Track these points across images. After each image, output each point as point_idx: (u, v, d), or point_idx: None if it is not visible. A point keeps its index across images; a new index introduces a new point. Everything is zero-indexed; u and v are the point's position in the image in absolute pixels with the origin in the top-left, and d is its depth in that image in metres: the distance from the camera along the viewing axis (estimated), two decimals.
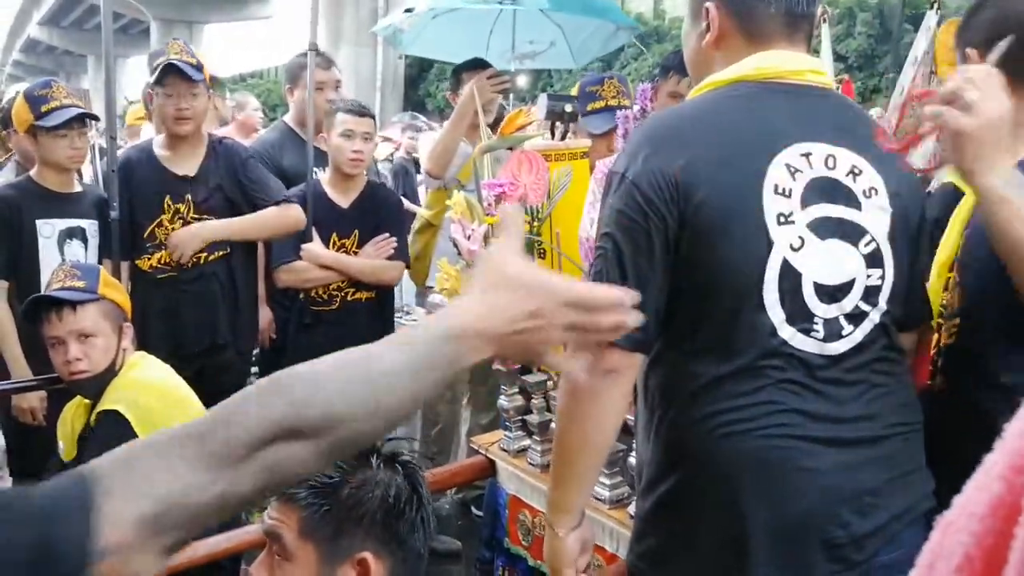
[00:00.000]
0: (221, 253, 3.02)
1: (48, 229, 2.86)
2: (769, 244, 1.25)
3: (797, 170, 1.27)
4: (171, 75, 2.91)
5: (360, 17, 16.74)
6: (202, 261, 2.99)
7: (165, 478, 0.70)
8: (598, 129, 2.67)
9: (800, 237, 1.26)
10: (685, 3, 1.48)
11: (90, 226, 2.94)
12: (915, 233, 1.37)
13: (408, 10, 4.84)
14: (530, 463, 2.17)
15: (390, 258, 3.17)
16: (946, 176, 1.73)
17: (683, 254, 1.27)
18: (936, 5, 3.27)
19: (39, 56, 48.54)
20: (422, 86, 19.26)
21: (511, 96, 4.27)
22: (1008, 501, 0.41)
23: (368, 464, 1.24)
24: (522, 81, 3.45)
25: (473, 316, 0.83)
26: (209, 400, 2.26)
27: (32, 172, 2.97)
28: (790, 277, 1.25)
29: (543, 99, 2.47)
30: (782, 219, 1.25)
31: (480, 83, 3.01)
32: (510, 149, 2.21)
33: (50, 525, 0.65)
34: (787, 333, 1.27)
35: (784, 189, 1.26)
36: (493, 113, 3.31)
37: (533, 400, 2.17)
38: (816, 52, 1.44)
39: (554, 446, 1.45)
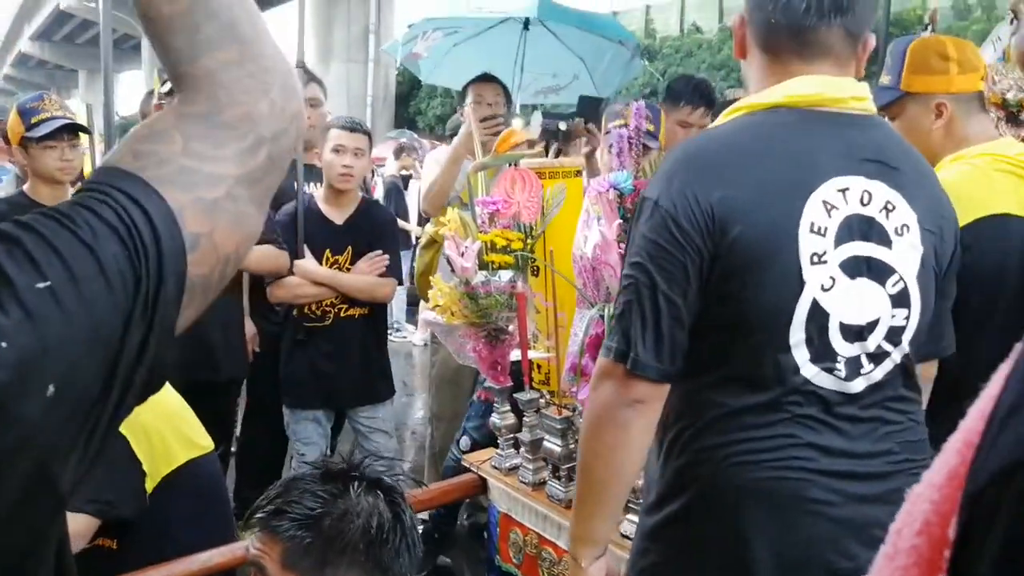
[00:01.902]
0: None
1: None
2: (801, 284, 1.23)
3: (833, 207, 1.25)
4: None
5: (351, 33, 16.78)
6: None
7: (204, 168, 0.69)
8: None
9: (831, 277, 1.24)
10: (675, 22, 1.48)
11: None
12: (944, 269, 1.36)
13: (410, 26, 4.86)
14: (521, 481, 2.16)
15: (383, 275, 3.17)
16: None
17: (713, 288, 1.26)
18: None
19: (30, 71, 48.47)
20: (413, 103, 19.29)
21: (517, 108, 4.27)
22: (960, 472, 0.44)
23: (349, 492, 1.24)
24: (517, 123, 3.45)
25: None
26: (202, 416, 2.26)
27: (26, 186, 2.97)
28: (818, 318, 1.25)
29: (537, 117, 2.49)
30: (815, 259, 1.24)
31: (476, 127, 3.03)
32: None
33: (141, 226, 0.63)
34: (810, 372, 1.27)
35: (820, 228, 1.24)
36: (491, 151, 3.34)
37: (525, 418, 2.17)
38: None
39: (578, 478, 1.43)
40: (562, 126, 2.47)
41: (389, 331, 4.27)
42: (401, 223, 5.44)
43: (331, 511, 1.21)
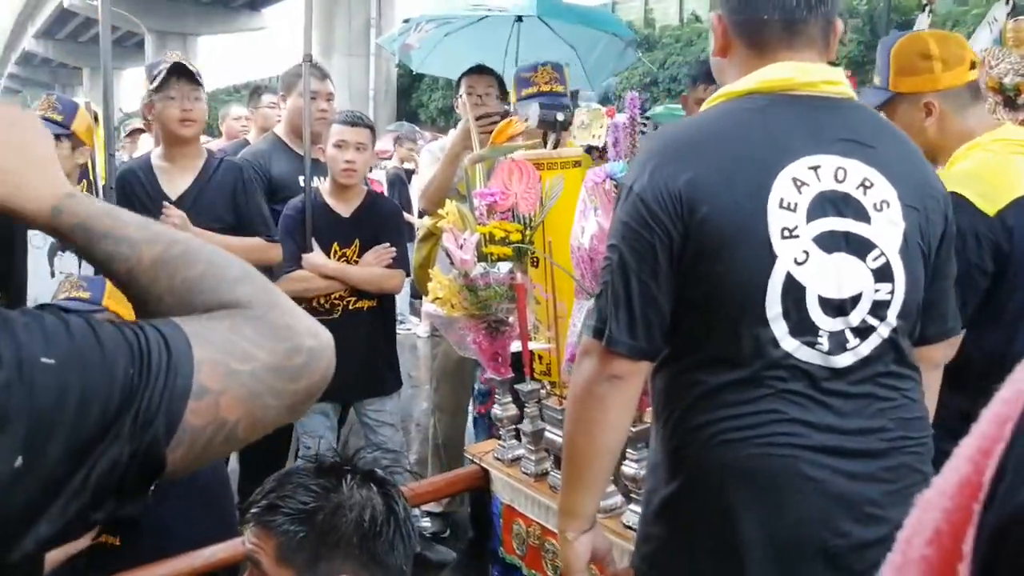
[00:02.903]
0: None
1: (39, 240, 2.86)
2: (773, 258, 1.26)
3: (804, 183, 1.28)
4: (175, 76, 2.95)
5: (353, 28, 16.75)
6: None
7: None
8: (528, 117, 2.60)
9: (804, 251, 1.26)
10: (675, 12, 1.50)
11: None
12: (935, 246, 1.37)
13: (405, 21, 4.85)
14: (524, 472, 2.17)
15: (390, 266, 3.18)
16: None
17: (687, 267, 1.29)
18: (928, 9, 3.29)
19: (34, 69, 48.57)
20: (415, 96, 19.27)
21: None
22: (974, 480, 0.43)
23: (342, 486, 1.24)
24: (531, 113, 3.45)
25: None
26: None
27: None
28: (794, 291, 1.26)
29: (535, 107, 2.48)
30: (786, 233, 1.26)
31: (472, 125, 3.03)
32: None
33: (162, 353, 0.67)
34: (791, 346, 1.28)
35: (789, 203, 1.27)
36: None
37: (527, 409, 2.17)
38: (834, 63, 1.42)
39: (564, 452, 1.48)
40: (560, 116, 2.46)
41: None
42: (405, 215, 5.45)
43: (324, 505, 1.22)
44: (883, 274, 1.30)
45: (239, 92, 20.61)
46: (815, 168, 1.29)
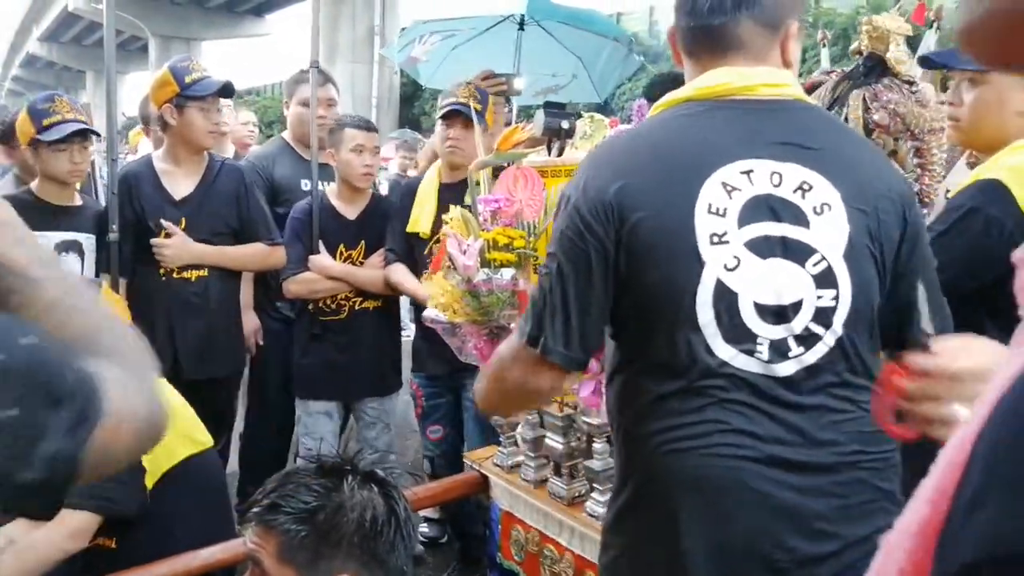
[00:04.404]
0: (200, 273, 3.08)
1: (43, 241, 2.86)
2: (701, 264, 1.23)
3: (735, 188, 1.26)
4: (218, 93, 3.05)
5: (356, 34, 16.82)
6: (192, 278, 3.03)
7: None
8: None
9: (735, 256, 1.24)
10: None
11: (87, 240, 2.95)
12: (892, 247, 1.31)
13: (403, 30, 4.87)
14: (523, 479, 2.17)
15: None
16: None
17: (623, 275, 1.28)
18: (936, 25, 3.29)
19: (38, 71, 48.70)
20: (417, 104, 19.32)
21: (513, 111, 4.28)
22: (934, 521, 0.45)
23: (344, 486, 1.25)
24: (519, 83, 3.50)
25: None
26: (200, 412, 2.27)
27: (32, 185, 2.98)
28: (726, 297, 1.24)
29: (540, 115, 2.48)
30: (715, 239, 1.24)
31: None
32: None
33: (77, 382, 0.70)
34: (727, 353, 1.25)
35: (718, 208, 1.25)
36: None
37: (526, 415, 2.17)
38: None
39: (488, 385, 1.49)
40: (565, 124, 2.47)
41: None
42: None
43: (326, 504, 1.22)
44: (825, 279, 1.26)
45: (242, 97, 20.65)
46: (747, 172, 1.26)
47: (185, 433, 2.21)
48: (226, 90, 3.08)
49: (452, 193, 2.86)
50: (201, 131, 3.03)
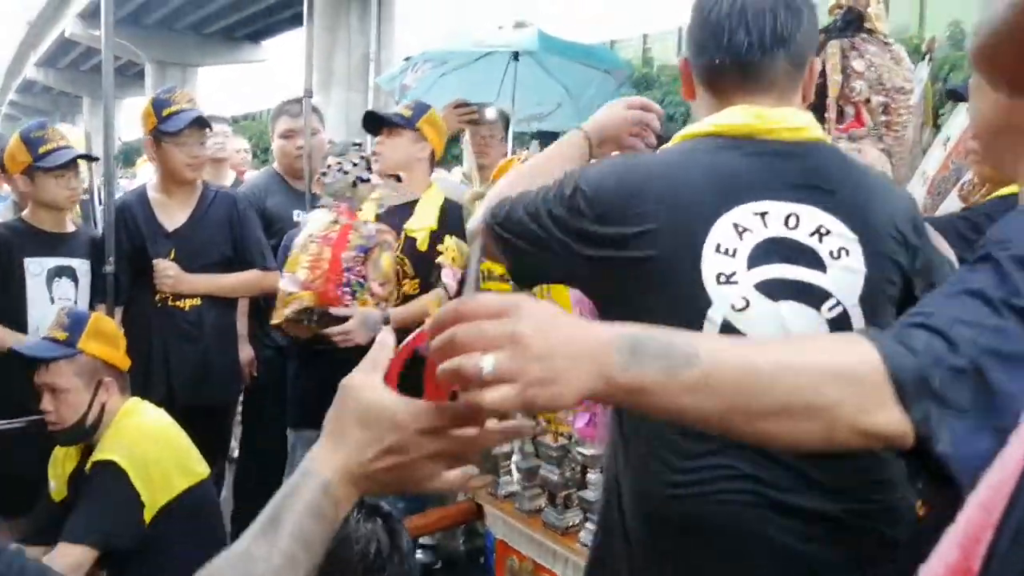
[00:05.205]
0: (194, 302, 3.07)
1: (36, 267, 2.86)
2: (707, 303, 1.21)
3: (747, 229, 1.23)
4: (192, 126, 2.98)
5: (352, 61, 16.91)
6: (185, 307, 3.03)
7: None
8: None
9: (744, 298, 1.21)
10: (673, 51, 1.49)
11: (81, 265, 2.95)
12: (905, 284, 1.29)
13: (407, 59, 4.91)
14: (517, 508, 2.16)
15: None
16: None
17: (616, 296, 1.28)
18: (928, 57, 3.33)
19: (35, 96, 48.85)
20: None
21: (509, 142, 4.30)
22: (964, 566, 0.45)
23: (348, 519, 1.24)
24: (491, 113, 3.54)
25: (339, 461, 0.80)
26: (196, 439, 2.27)
27: (25, 212, 2.99)
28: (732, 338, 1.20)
29: (535, 147, 2.51)
30: (722, 279, 1.21)
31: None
32: None
33: None
34: None
35: (728, 249, 1.22)
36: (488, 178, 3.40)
37: (523, 446, 2.17)
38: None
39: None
40: None
41: None
42: None
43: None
44: (840, 324, 1.22)
45: (238, 122, 20.72)
46: (762, 214, 1.24)
47: (182, 464, 2.21)
48: (199, 122, 3.01)
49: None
50: (179, 164, 3.00)
